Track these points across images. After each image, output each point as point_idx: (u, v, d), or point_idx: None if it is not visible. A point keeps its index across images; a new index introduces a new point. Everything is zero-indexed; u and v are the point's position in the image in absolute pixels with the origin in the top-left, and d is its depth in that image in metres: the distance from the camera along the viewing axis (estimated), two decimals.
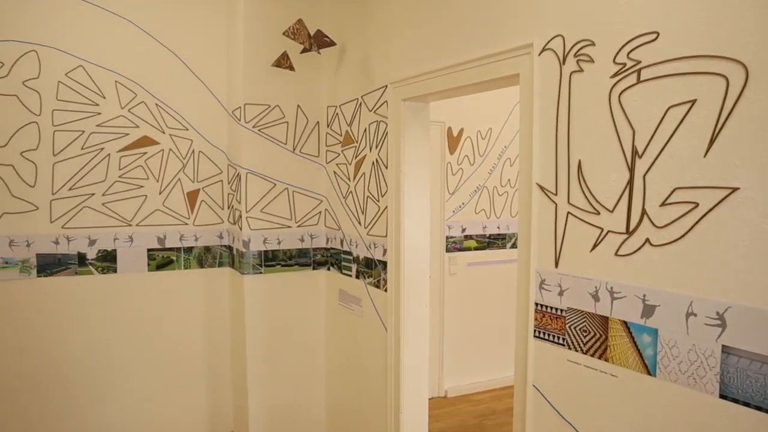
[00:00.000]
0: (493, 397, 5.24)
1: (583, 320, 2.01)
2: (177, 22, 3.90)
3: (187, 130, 3.95)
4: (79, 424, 3.83)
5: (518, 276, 2.33)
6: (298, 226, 3.90)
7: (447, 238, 5.13)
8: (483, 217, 5.30)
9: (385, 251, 3.29)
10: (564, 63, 2.07)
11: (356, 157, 3.57)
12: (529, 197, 2.24)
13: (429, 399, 3.42)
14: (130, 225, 3.85)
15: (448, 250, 5.15)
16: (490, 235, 5.34)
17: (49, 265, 3.70)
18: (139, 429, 3.98)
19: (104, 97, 3.76)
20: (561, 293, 2.11)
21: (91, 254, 3.78)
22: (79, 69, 3.71)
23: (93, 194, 3.75)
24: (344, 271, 3.75)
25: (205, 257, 4.06)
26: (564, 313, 2.10)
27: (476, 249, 5.28)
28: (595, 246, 1.97)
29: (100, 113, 3.75)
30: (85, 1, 3.69)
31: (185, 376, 4.07)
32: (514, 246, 5.40)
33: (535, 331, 2.23)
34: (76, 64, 3.70)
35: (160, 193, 3.90)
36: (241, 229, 3.78)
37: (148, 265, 3.91)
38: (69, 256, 3.74)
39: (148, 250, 3.91)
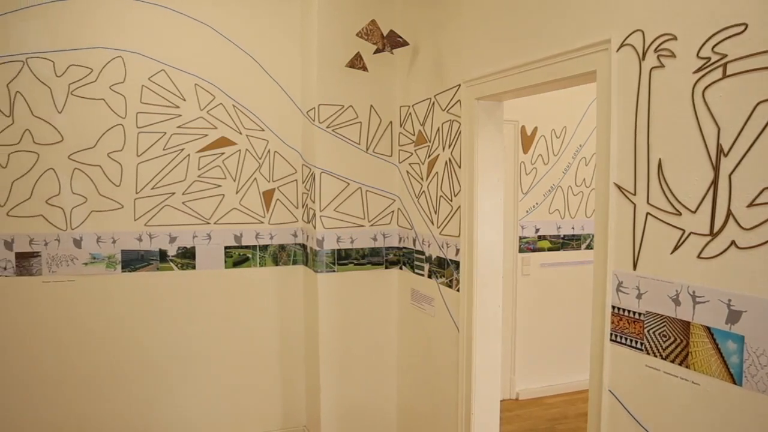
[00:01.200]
0: (565, 401, 5.14)
1: (663, 325, 1.96)
2: (253, 25, 4.02)
3: (263, 130, 4.06)
4: (159, 413, 4.01)
5: (594, 278, 2.28)
6: (371, 225, 3.94)
7: (520, 238, 5.08)
8: (557, 218, 5.21)
9: (457, 251, 3.28)
10: (644, 59, 2.02)
11: (429, 156, 3.58)
12: (606, 197, 2.19)
13: (500, 401, 3.38)
14: (208, 223, 4.00)
15: (521, 251, 5.09)
16: (564, 235, 5.24)
17: (133, 261, 3.88)
18: (215, 420, 4.13)
19: (184, 100, 3.91)
20: (639, 296, 2.05)
21: (172, 251, 3.95)
22: (162, 73, 3.88)
23: (173, 193, 3.92)
24: (416, 271, 3.77)
25: (280, 255, 4.16)
26: (642, 317, 2.04)
27: (550, 250, 5.20)
28: (676, 248, 1.91)
29: (180, 115, 3.91)
30: (167, 8, 3.86)
31: (260, 370, 4.19)
32: (589, 247, 5.28)
33: (611, 334, 2.18)
34: (159, 69, 3.87)
35: (236, 193, 4.03)
36: (315, 227, 3.85)
37: (225, 262, 4.05)
38: (151, 252, 3.91)
39: (225, 247, 4.04)
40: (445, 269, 3.43)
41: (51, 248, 3.76)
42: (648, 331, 2.02)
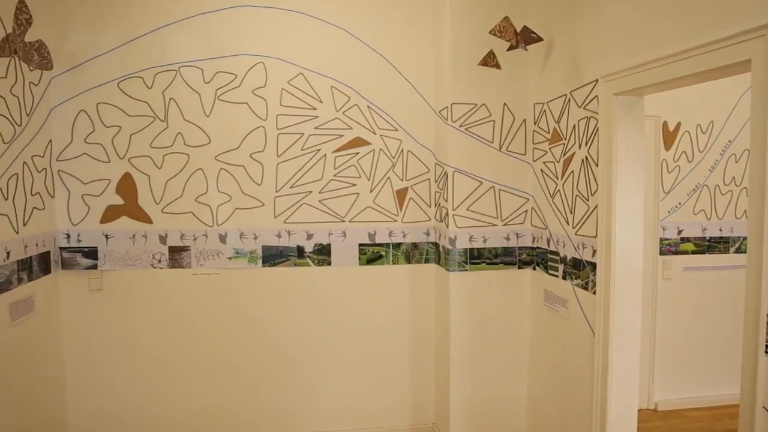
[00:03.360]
0: (710, 416, 4.91)
1: None
2: (386, 27, 4.17)
3: (397, 130, 4.21)
4: (293, 402, 4.29)
5: (747, 284, 2.20)
6: (504, 224, 3.98)
7: (661, 240, 4.91)
8: (702, 218, 4.98)
9: (594, 252, 3.26)
10: None
11: (564, 154, 3.57)
12: (762, 197, 2.11)
13: (637, 410, 3.32)
14: (343, 221, 4.20)
15: (661, 253, 4.92)
16: (710, 237, 5.01)
17: (273, 257, 4.16)
18: (346, 413, 4.34)
19: (321, 102, 4.14)
20: None
21: (309, 247, 4.19)
22: (300, 77, 4.12)
23: (311, 192, 4.16)
24: (550, 271, 3.77)
25: (413, 253, 4.30)
26: None
27: (694, 252, 4.98)
28: None
29: (317, 116, 4.14)
30: (305, 14, 4.09)
31: (390, 366, 4.35)
32: (739, 251, 5.01)
33: (767, 347, 2.10)
34: (297, 72, 4.11)
35: (371, 191, 4.21)
36: (447, 226, 3.95)
37: (359, 259, 4.25)
38: (289, 248, 4.18)
39: (360, 245, 4.24)
40: (580, 271, 3.41)
41: (199, 243, 4.11)
42: None
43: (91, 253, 4.06)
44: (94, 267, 4.06)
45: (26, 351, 3.57)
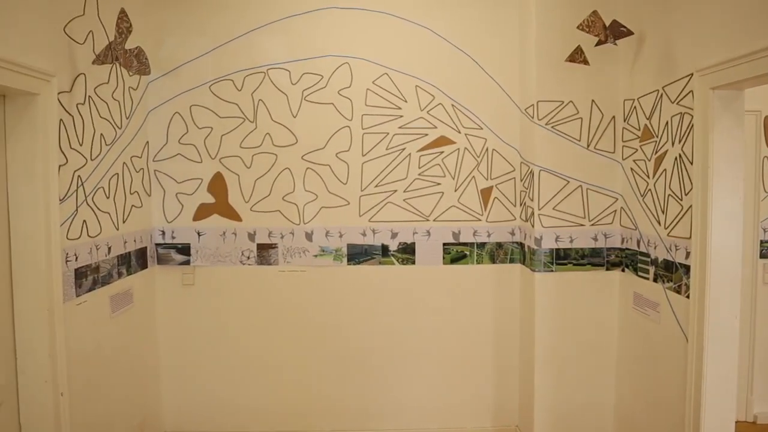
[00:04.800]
0: None
1: None
2: (470, 25, 4.18)
3: (481, 129, 4.21)
4: (376, 400, 4.37)
5: None
6: (591, 224, 3.92)
7: (761, 242, 4.70)
8: None
9: (687, 254, 3.17)
10: None
11: (656, 152, 3.49)
12: None
13: (734, 422, 3.20)
14: (427, 220, 4.25)
15: (762, 256, 4.71)
16: None
17: (357, 255, 4.25)
18: (428, 412, 4.38)
19: (406, 101, 4.19)
20: None
21: (393, 246, 4.26)
22: (384, 76, 4.19)
23: (395, 191, 4.22)
24: (640, 273, 3.69)
25: (497, 253, 4.29)
26: None
27: None
28: None
29: (402, 116, 4.20)
30: (389, 14, 4.16)
31: (473, 366, 4.37)
32: None
33: None
34: (382, 72, 4.19)
35: (455, 190, 4.24)
36: (533, 226, 3.93)
37: (443, 258, 4.28)
38: (374, 247, 4.26)
39: (444, 244, 4.27)
40: (672, 273, 3.33)
41: (286, 240, 4.25)
42: None
43: (185, 250, 4.27)
44: (187, 263, 4.27)
45: (125, 341, 3.80)
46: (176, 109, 4.19)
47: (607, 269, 3.96)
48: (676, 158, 3.28)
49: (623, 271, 3.93)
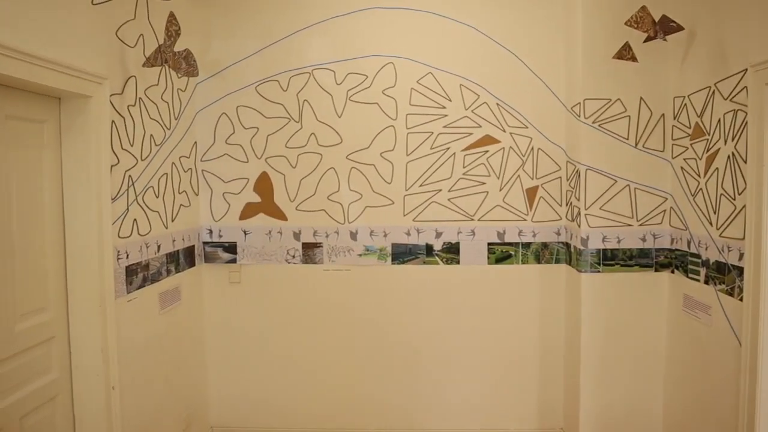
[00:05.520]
0: None
1: None
2: (515, 22, 4.15)
3: (527, 128, 4.18)
4: (419, 398, 4.37)
5: None
6: (640, 224, 3.85)
7: None
8: None
9: (741, 255, 3.09)
10: None
11: (708, 150, 3.41)
12: None
13: None
14: (472, 219, 4.23)
15: None
16: None
17: (402, 254, 4.26)
18: (471, 412, 4.37)
19: (450, 100, 4.18)
20: None
21: (437, 246, 4.26)
22: (429, 76, 4.19)
23: (440, 190, 4.22)
24: (690, 275, 3.61)
25: (543, 253, 4.25)
26: None
27: None
28: None
29: (446, 115, 4.19)
30: (433, 13, 4.16)
31: (517, 368, 4.33)
32: None
33: None
34: (426, 72, 4.18)
35: (500, 190, 4.21)
36: (579, 226, 3.88)
37: (488, 258, 4.25)
38: (418, 246, 4.26)
39: (488, 244, 4.24)
40: (725, 275, 3.25)
41: (331, 240, 4.28)
42: None
43: (231, 248, 4.34)
44: (234, 261, 4.34)
45: (173, 337, 3.88)
46: (223, 109, 4.26)
47: (656, 270, 3.89)
48: (728, 156, 3.20)
49: (673, 272, 3.85)
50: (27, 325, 2.71)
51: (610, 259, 3.85)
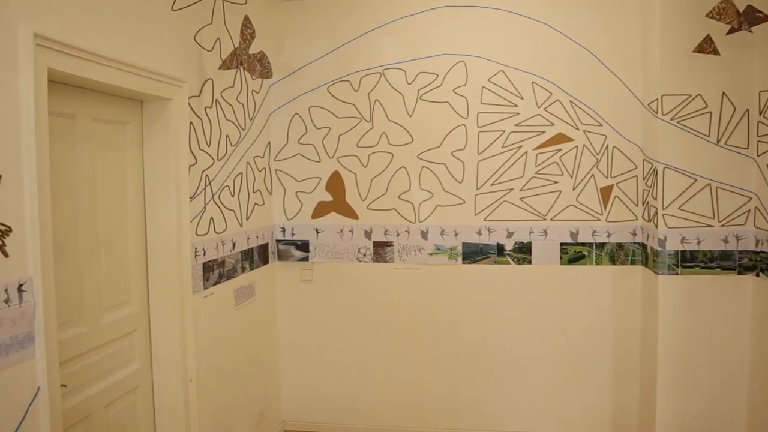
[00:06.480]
0: None
1: None
2: (589, 18, 4.04)
3: (601, 125, 4.08)
4: (489, 398, 4.34)
5: None
6: (722, 225, 3.70)
7: None
8: None
9: None
10: None
11: None
12: None
13: None
14: (544, 219, 4.17)
15: None
16: None
17: (473, 254, 4.24)
18: (542, 416, 4.30)
19: (522, 98, 4.13)
20: None
21: (509, 246, 4.21)
22: (500, 74, 4.15)
23: (511, 189, 4.17)
24: None
25: (617, 254, 4.13)
26: None
27: None
28: None
29: (518, 113, 4.14)
30: (504, 11, 4.11)
31: (590, 371, 4.23)
32: None
33: None
34: (497, 70, 4.15)
35: (573, 189, 4.12)
36: (656, 226, 3.76)
37: (560, 258, 4.18)
38: (489, 246, 4.23)
39: (561, 244, 4.17)
40: None
41: (402, 239, 4.31)
42: None
43: (303, 246, 4.42)
44: (306, 259, 4.43)
45: (247, 332, 3.99)
46: (296, 110, 4.35)
47: (739, 273, 3.72)
48: None
49: (758, 275, 3.68)
50: (112, 318, 2.85)
51: (689, 260, 3.71)
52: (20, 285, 2.03)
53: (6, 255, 1.97)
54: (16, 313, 2.01)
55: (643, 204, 4.07)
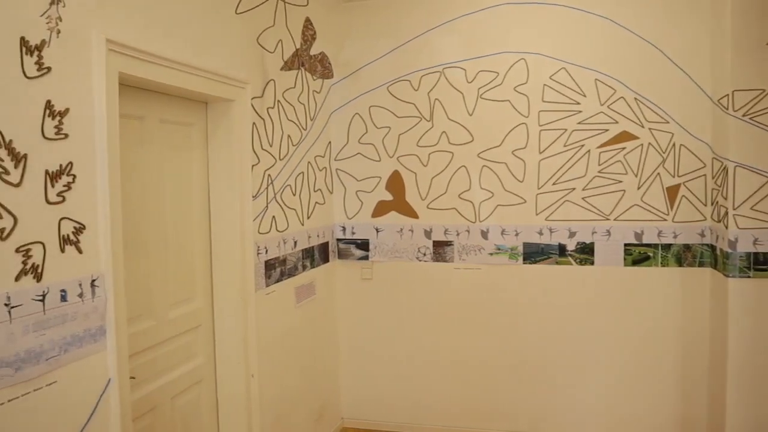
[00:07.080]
0: None
1: None
2: (655, 12, 3.92)
3: (668, 123, 3.96)
4: (548, 401, 4.27)
5: None
6: None
7: None
8: None
9: None
10: None
11: None
12: None
13: None
14: (608, 219, 4.08)
15: None
16: None
17: (533, 254, 4.19)
18: (605, 422, 4.19)
19: (585, 96, 4.06)
20: None
21: (571, 246, 4.14)
22: (562, 71, 4.09)
23: (573, 189, 4.10)
24: None
25: (684, 255, 4.00)
26: None
27: None
28: None
29: (580, 111, 4.07)
30: (565, 6, 4.05)
31: (655, 376, 4.10)
32: None
33: None
34: (559, 67, 4.09)
35: (638, 188, 4.01)
36: (726, 227, 3.63)
37: (624, 259, 4.08)
38: (551, 246, 4.17)
39: (625, 244, 4.07)
40: None
41: (462, 238, 4.29)
42: None
43: (363, 245, 4.46)
44: (366, 258, 4.47)
45: (308, 330, 4.05)
46: (356, 110, 4.39)
47: None
48: None
49: None
50: (178, 314, 2.95)
51: (762, 263, 3.57)
52: (93, 280, 2.12)
53: (80, 251, 2.07)
54: (89, 307, 2.10)
55: (712, 204, 3.94)
